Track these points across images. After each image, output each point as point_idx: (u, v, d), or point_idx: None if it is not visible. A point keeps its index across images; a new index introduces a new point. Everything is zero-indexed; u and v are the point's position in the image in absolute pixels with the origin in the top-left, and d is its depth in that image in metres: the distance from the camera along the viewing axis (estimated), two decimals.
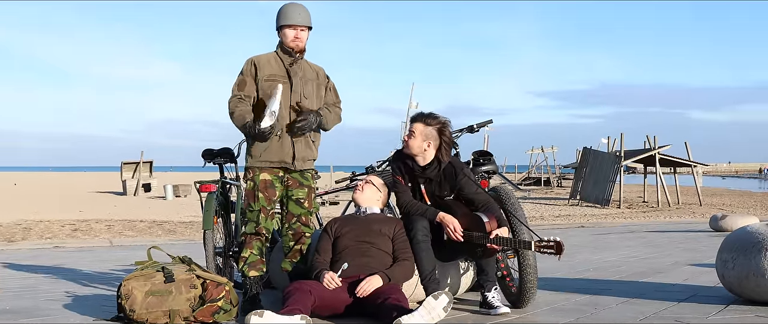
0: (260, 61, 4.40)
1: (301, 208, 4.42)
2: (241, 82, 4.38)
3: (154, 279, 3.85)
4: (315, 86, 4.48)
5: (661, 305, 4.25)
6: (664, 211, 24.01)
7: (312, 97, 4.43)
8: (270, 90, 4.25)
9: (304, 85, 4.40)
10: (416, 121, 4.25)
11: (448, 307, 3.55)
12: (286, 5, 4.41)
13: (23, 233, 13.75)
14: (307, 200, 4.43)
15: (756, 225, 4.34)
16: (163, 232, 14.44)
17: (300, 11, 4.38)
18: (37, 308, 4.50)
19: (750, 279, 4.06)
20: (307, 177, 4.44)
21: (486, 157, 4.86)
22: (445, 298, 3.54)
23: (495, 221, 4.01)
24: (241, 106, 4.33)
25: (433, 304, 3.51)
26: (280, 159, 4.30)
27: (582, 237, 11.70)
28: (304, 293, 3.74)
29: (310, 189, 4.45)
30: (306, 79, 4.42)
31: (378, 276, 3.89)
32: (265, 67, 4.38)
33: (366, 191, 4.41)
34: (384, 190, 4.47)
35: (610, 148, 29.86)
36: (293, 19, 4.34)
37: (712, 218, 11.99)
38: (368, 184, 4.44)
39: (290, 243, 4.45)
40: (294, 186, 4.40)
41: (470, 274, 4.57)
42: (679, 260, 7.12)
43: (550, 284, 5.20)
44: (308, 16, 4.40)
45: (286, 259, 4.49)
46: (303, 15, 4.37)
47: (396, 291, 3.82)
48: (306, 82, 4.42)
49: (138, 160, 35.86)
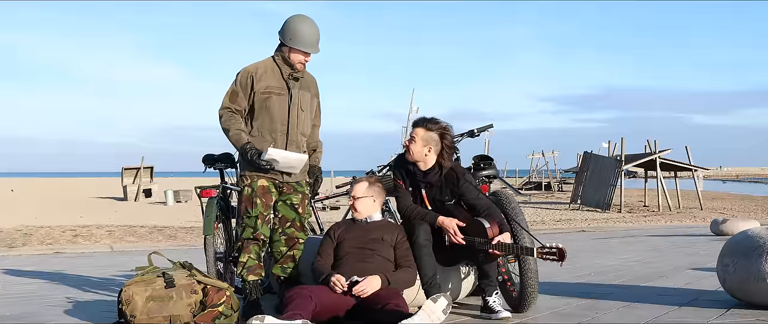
0: (258, 71, 4.28)
1: (295, 213, 4.39)
2: (232, 93, 4.29)
3: (155, 284, 3.85)
4: (310, 97, 4.44)
5: (662, 309, 4.24)
6: (665, 215, 23.99)
7: (308, 110, 4.41)
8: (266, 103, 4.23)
9: (302, 97, 4.35)
10: (417, 126, 4.24)
11: (448, 310, 3.56)
12: (300, 24, 4.25)
13: (24, 239, 13.74)
14: (301, 206, 4.40)
15: (757, 229, 4.33)
16: (163, 238, 14.44)
17: (315, 37, 4.24)
18: (37, 314, 4.51)
19: (751, 283, 4.05)
20: (302, 184, 4.44)
21: (487, 162, 4.86)
22: (444, 301, 3.55)
23: (497, 227, 4.01)
24: (234, 122, 4.26)
25: (433, 308, 3.52)
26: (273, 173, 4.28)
27: (583, 241, 11.70)
28: (305, 299, 3.73)
29: (304, 195, 4.43)
30: (303, 90, 4.37)
31: (378, 277, 3.88)
32: (262, 78, 4.27)
33: (360, 206, 4.22)
34: (374, 189, 4.28)
35: (610, 153, 29.87)
36: (306, 45, 4.22)
37: (713, 222, 11.98)
38: (359, 200, 4.22)
39: (282, 248, 4.43)
40: (289, 191, 4.39)
41: (471, 279, 4.57)
42: (680, 264, 7.11)
43: (551, 289, 5.19)
44: (319, 39, 4.28)
45: (277, 264, 4.47)
46: (316, 39, 4.25)
47: (396, 296, 3.81)
48: (303, 94, 4.37)
49: (138, 166, 35.88)
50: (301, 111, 4.34)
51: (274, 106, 4.29)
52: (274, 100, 4.28)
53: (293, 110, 4.32)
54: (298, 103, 4.34)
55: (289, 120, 4.32)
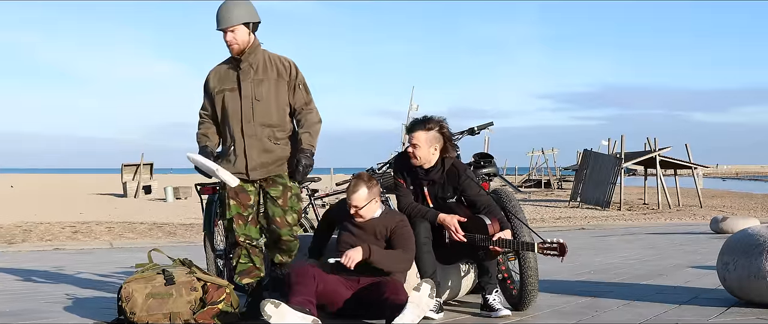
0: (211, 75, 4.27)
1: (275, 207, 4.17)
2: (203, 100, 4.32)
3: (155, 281, 3.85)
4: (273, 85, 4.16)
5: (661, 308, 4.24)
6: (665, 213, 23.98)
7: (268, 100, 4.15)
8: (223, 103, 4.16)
9: (256, 87, 4.13)
10: (416, 131, 4.18)
11: (433, 292, 3.58)
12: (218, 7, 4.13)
13: (23, 235, 13.73)
14: (282, 198, 4.17)
15: (757, 227, 4.33)
16: (163, 235, 14.43)
17: (225, 11, 4.07)
18: (37, 310, 4.51)
19: (751, 281, 4.06)
20: (283, 175, 4.20)
21: (487, 160, 4.86)
22: (427, 286, 3.57)
23: (497, 224, 4.01)
24: (201, 127, 4.31)
25: (418, 296, 3.55)
26: (237, 171, 4.13)
27: (582, 239, 11.70)
28: (309, 278, 3.77)
29: (285, 187, 4.19)
30: (259, 80, 4.15)
31: (360, 248, 3.86)
32: (214, 79, 4.24)
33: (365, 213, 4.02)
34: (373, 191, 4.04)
35: (610, 150, 29.86)
36: (219, 22, 4.07)
37: (713, 220, 11.98)
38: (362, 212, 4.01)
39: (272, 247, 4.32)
40: (269, 185, 4.20)
41: (471, 277, 4.57)
42: (679, 262, 7.12)
43: (551, 286, 5.19)
44: (237, 14, 4.06)
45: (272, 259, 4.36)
46: (228, 14, 4.05)
47: (397, 291, 3.78)
48: (259, 84, 4.14)
49: (138, 162, 35.87)
50: (256, 101, 4.13)
51: (228, 105, 4.18)
52: (227, 98, 4.18)
53: (245, 104, 4.14)
54: (251, 94, 4.13)
55: (243, 115, 4.14)
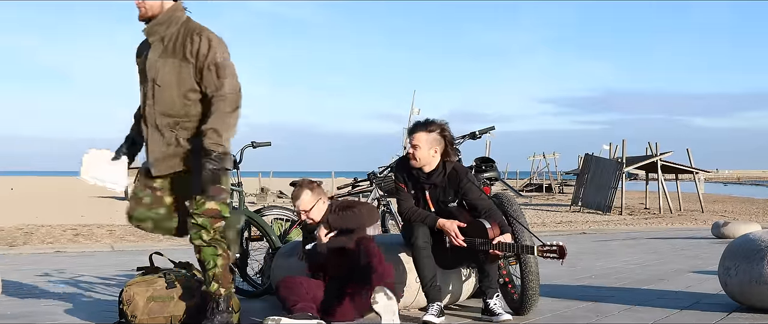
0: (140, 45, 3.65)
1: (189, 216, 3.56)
2: None
3: (156, 285, 3.86)
4: (176, 67, 3.38)
5: (663, 313, 4.24)
6: (666, 217, 23.96)
7: (169, 85, 3.39)
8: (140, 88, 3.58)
9: (160, 68, 3.41)
10: (417, 132, 4.18)
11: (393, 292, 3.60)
12: None
13: (24, 238, 13.73)
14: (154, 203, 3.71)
15: (759, 232, 4.33)
16: (164, 238, 14.42)
17: None
18: (38, 313, 4.51)
19: (753, 286, 4.05)
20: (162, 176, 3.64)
21: (488, 164, 4.86)
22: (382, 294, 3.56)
23: (498, 227, 4.01)
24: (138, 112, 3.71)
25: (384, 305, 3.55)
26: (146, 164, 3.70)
27: (584, 244, 11.69)
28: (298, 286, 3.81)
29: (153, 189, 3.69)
30: (164, 60, 3.40)
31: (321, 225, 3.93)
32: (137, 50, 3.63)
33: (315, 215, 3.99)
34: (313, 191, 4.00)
35: (612, 155, 29.85)
36: None
37: (714, 225, 11.97)
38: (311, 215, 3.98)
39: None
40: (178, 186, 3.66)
41: (472, 281, 4.57)
42: (681, 267, 7.11)
43: (552, 291, 5.19)
44: None
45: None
46: None
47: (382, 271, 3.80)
48: (163, 64, 3.40)
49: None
50: (157, 86, 3.40)
51: (140, 89, 3.59)
52: (139, 76, 3.60)
53: (148, 90, 3.45)
54: (153, 77, 3.42)
55: (145, 100, 3.52)
